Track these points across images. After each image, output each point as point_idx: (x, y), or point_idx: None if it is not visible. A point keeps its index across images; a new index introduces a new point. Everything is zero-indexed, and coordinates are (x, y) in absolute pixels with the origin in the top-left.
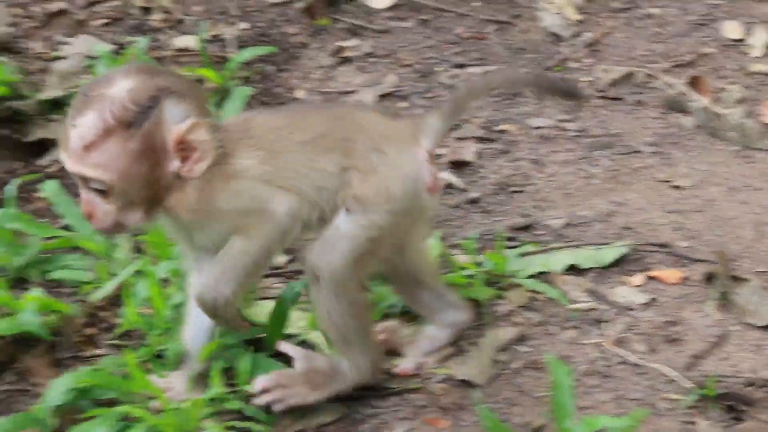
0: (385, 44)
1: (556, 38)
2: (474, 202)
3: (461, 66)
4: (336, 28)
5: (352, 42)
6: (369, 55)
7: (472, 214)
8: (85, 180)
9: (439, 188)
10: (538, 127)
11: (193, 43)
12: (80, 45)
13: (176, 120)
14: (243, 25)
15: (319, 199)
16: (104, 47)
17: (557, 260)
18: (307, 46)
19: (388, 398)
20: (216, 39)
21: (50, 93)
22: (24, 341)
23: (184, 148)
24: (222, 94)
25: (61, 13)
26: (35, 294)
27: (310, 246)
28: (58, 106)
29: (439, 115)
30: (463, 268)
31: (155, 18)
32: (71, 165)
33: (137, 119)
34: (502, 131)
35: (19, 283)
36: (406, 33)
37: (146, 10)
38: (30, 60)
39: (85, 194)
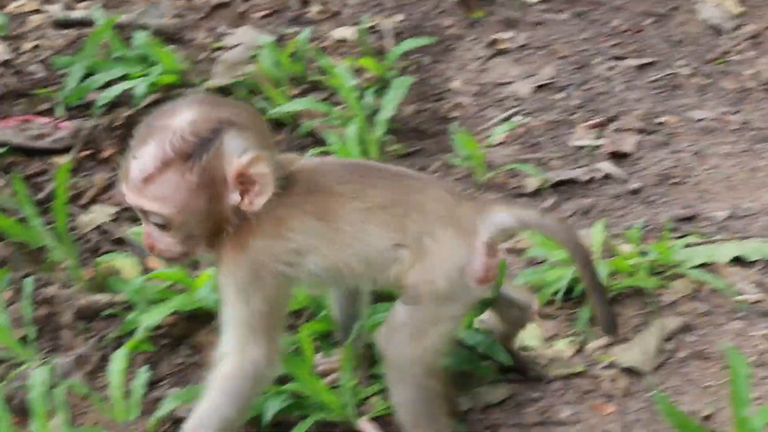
0: (540, 36)
1: (716, 31)
2: (635, 192)
3: (618, 58)
4: (491, 20)
5: (508, 34)
6: (524, 47)
7: (634, 205)
8: (145, 213)
9: (493, 279)
10: (699, 120)
11: (350, 35)
12: (242, 36)
13: (237, 152)
14: (398, 16)
15: (367, 272)
16: (267, 38)
17: (723, 252)
18: (463, 38)
19: (553, 383)
20: (373, 30)
21: (217, 81)
22: (199, 317)
23: (244, 182)
24: (381, 84)
25: (224, 5)
26: (209, 272)
27: (379, 328)
28: (226, 93)
29: (508, 211)
30: (627, 258)
31: (313, 10)
32: (131, 198)
33: (197, 151)
34: (661, 123)
35: (194, 262)
36: (561, 25)
37: (304, 3)
38: (195, 50)
39: (146, 226)
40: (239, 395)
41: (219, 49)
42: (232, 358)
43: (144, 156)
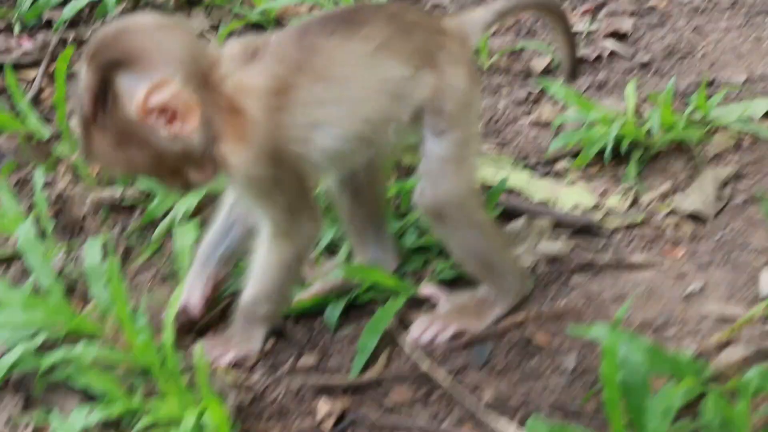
0: None
1: None
2: (646, 66)
3: None
4: None
5: None
6: None
7: (648, 77)
8: None
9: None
10: (688, 2)
11: None
12: None
13: (132, 92)
14: None
15: (397, 110)
16: None
17: (756, 107)
18: None
19: (614, 234)
20: None
21: None
22: None
23: (161, 115)
24: None
25: None
26: None
27: (416, 191)
28: None
29: (485, 10)
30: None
31: None
32: (93, 165)
33: (98, 110)
34: (651, 8)
35: None
36: None
37: None
38: None
39: None
40: (293, 266)
41: None
42: (280, 238)
43: (76, 129)
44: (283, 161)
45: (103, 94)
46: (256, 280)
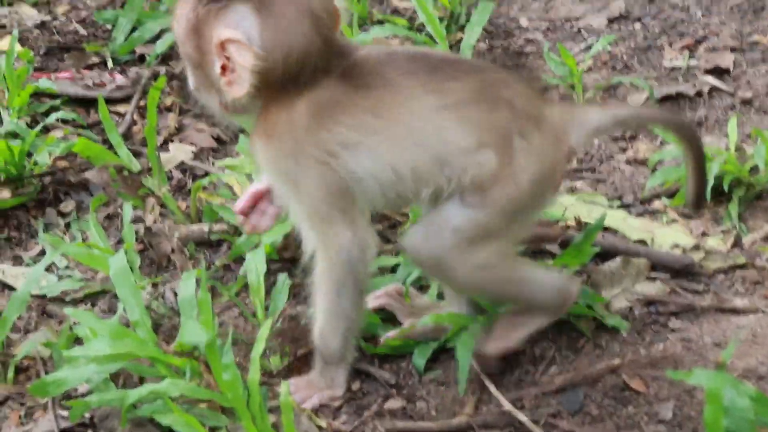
0: None
1: None
2: (747, 102)
3: None
4: None
5: None
6: None
7: (749, 114)
8: None
9: (560, 188)
10: None
11: None
12: None
13: (229, 24)
14: None
15: (436, 175)
16: None
17: None
18: None
19: (715, 276)
20: None
21: None
22: None
23: (225, 59)
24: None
25: None
26: None
27: (412, 228)
28: None
29: (601, 112)
30: None
31: None
32: None
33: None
34: (754, 43)
35: None
36: None
37: None
38: None
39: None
40: (344, 287)
41: None
42: (321, 254)
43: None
44: (309, 167)
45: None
46: (318, 313)
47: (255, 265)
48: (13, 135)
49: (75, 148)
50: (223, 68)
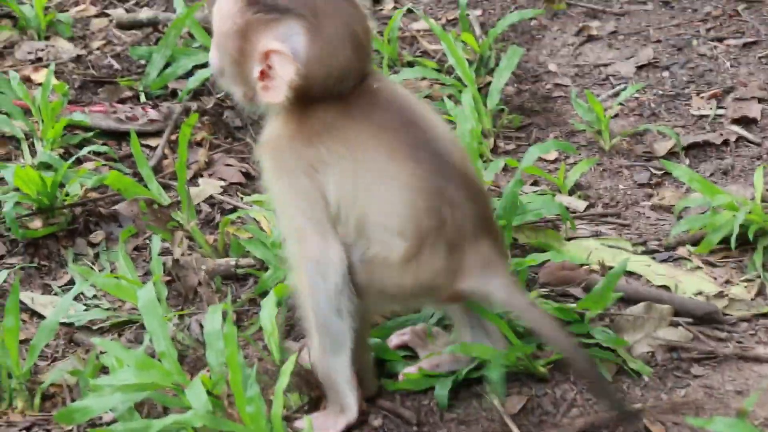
0: (629, 24)
1: None
2: None
3: (718, 40)
4: (573, 12)
5: (594, 23)
6: (615, 33)
7: None
8: None
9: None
10: None
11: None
12: None
13: (278, 37)
14: (476, 12)
15: (358, 229)
16: None
17: None
18: (548, 29)
19: (739, 324)
20: (451, 23)
21: None
22: None
23: (266, 66)
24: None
25: None
26: None
27: None
28: None
29: (505, 292)
30: None
31: (386, 7)
32: None
33: (259, 6)
34: None
35: None
36: (648, 15)
37: (376, 1)
38: None
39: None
40: (316, 300)
41: None
42: (294, 264)
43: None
44: (294, 177)
45: (271, 9)
46: (307, 337)
47: (267, 311)
48: (47, 166)
49: (107, 181)
50: (262, 73)
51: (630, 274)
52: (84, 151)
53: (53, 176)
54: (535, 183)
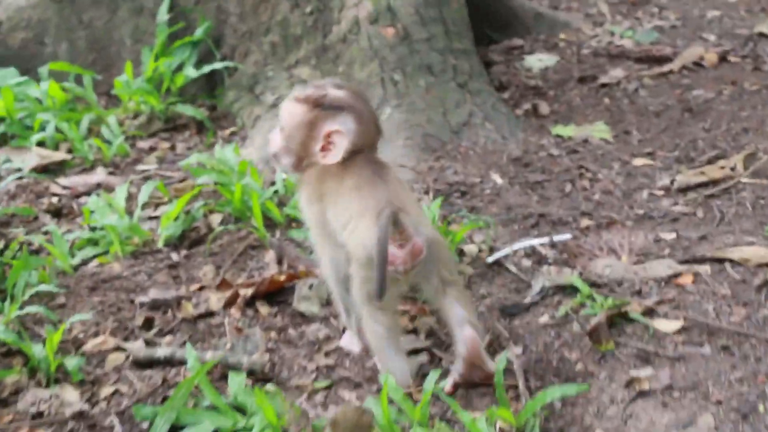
0: (684, 375)
1: None
2: None
3: None
4: (622, 353)
5: (646, 371)
6: (669, 388)
7: None
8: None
9: None
10: None
11: None
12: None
13: (339, 125)
14: (516, 349)
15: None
16: None
17: None
18: (594, 376)
19: None
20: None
21: None
22: None
23: (327, 142)
24: None
25: None
26: None
27: None
28: None
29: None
30: None
31: None
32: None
33: (323, 108)
34: None
35: None
36: (705, 361)
37: None
38: (293, 394)
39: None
40: (331, 280)
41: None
42: (320, 262)
43: (302, 91)
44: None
45: (333, 109)
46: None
47: None
48: None
49: None
50: (323, 147)
51: None
52: None
53: None
54: None
